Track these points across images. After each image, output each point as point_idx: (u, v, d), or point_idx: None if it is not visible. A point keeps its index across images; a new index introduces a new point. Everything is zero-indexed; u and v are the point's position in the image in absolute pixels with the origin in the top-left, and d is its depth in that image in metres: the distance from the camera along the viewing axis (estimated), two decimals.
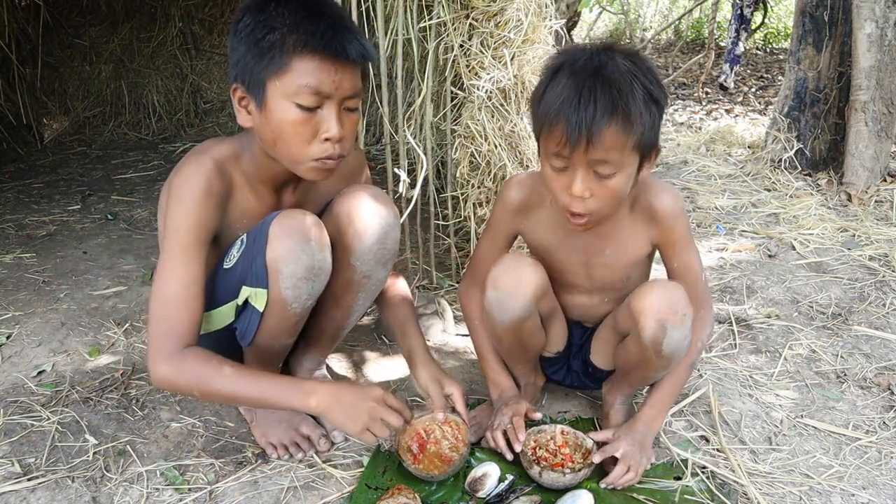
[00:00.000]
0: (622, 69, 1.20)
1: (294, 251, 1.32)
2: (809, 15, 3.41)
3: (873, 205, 3.07)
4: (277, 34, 1.23)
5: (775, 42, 8.26)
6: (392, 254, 1.50)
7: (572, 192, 1.26)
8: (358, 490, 1.39)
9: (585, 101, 1.18)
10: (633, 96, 1.19)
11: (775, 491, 1.41)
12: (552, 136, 1.23)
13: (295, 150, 1.30)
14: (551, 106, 1.22)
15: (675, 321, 1.32)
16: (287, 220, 1.33)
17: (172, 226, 1.30)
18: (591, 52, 1.23)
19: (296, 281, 1.34)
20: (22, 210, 3.17)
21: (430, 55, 1.96)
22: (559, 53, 1.30)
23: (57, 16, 4.38)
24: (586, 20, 8.90)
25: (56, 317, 2.12)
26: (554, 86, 1.23)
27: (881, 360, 1.90)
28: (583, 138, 1.19)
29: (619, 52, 1.24)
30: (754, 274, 2.44)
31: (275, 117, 1.27)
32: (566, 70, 1.23)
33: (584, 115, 1.17)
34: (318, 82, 1.24)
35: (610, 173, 1.24)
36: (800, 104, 3.51)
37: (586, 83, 1.19)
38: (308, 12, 1.24)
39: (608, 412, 1.59)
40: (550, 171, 1.29)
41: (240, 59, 1.27)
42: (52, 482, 1.42)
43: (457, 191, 2.16)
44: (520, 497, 1.36)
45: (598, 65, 1.20)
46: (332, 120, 1.28)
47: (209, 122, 4.76)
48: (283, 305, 1.37)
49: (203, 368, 1.28)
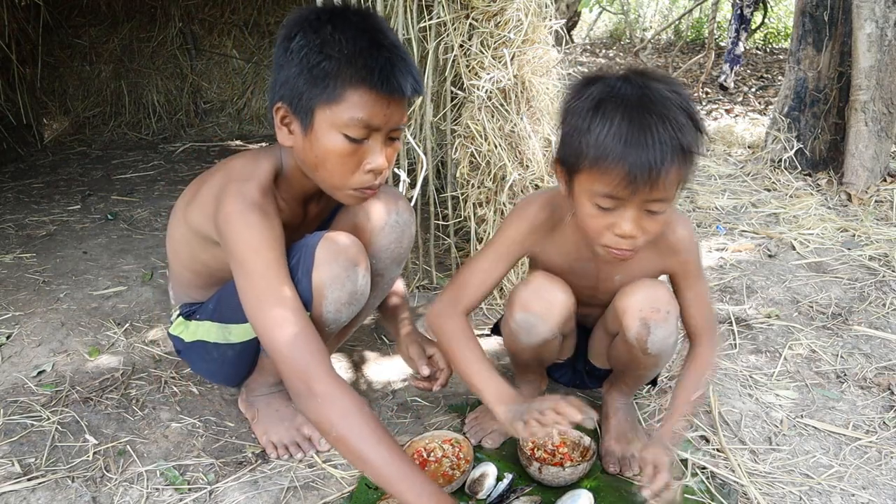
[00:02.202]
0: (668, 99, 1.13)
1: (340, 277, 1.33)
2: (809, 15, 3.41)
3: (873, 205, 3.07)
4: (334, 63, 1.20)
5: (775, 42, 8.26)
6: (407, 252, 1.51)
7: (622, 232, 1.17)
8: (358, 490, 1.39)
9: (650, 141, 1.09)
10: (686, 128, 1.13)
11: (775, 491, 1.41)
12: (606, 176, 1.13)
13: (337, 179, 1.30)
14: (606, 146, 1.12)
15: (658, 319, 1.33)
16: (333, 244, 1.33)
17: (251, 248, 1.24)
18: (630, 81, 1.15)
19: (339, 306, 1.36)
20: (22, 210, 3.17)
21: (430, 55, 1.96)
22: (588, 81, 1.19)
23: (57, 16, 4.38)
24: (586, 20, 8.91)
25: (56, 317, 2.12)
26: (603, 122, 1.13)
27: (881, 360, 1.90)
28: (647, 181, 1.11)
29: (654, 77, 1.17)
30: (754, 274, 2.44)
31: (321, 144, 1.26)
32: (612, 103, 1.13)
33: (649, 157, 1.09)
34: (370, 116, 1.23)
35: (663, 209, 1.18)
36: (800, 104, 3.51)
37: (642, 120, 1.10)
38: (367, 43, 1.21)
39: (608, 412, 1.59)
40: (592, 210, 1.19)
41: (288, 80, 1.24)
42: (52, 482, 1.42)
43: (457, 191, 2.16)
44: (520, 497, 1.36)
45: (648, 98, 1.13)
46: (377, 152, 1.27)
47: (209, 122, 4.76)
48: (321, 327, 1.37)
49: (350, 412, 1.16)
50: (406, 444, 1.48)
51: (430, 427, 1.61)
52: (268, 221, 1.27)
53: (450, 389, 1.78)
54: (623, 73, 1.17)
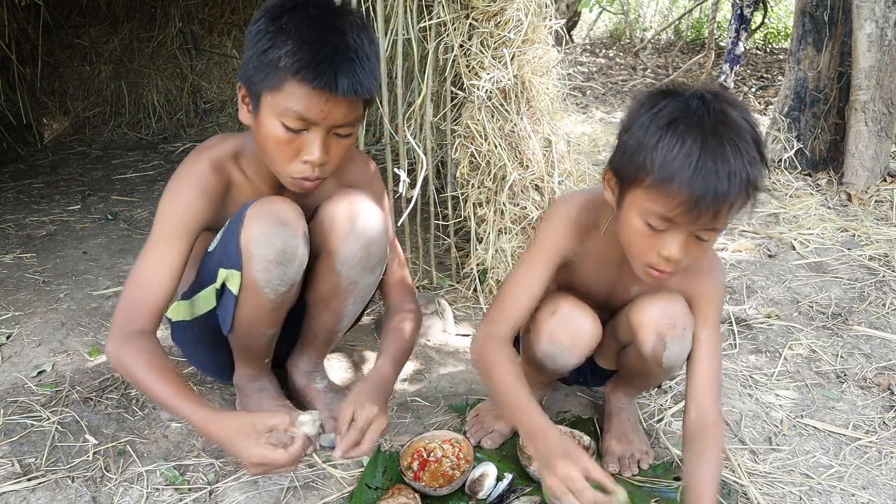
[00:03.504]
0: (741, 127, 1.09)
1: (267, 234, 1.33)
2: (809, 15, 3.41)
3: (873, 205, 3.07)
4: (279, 52, 1.21)
5: (775, 42, 8.26)
6: (379, 259, 1.48)
7: (668, 255, 1.14)
8: (358, 490, 1.39)
9: (722, 170, 1.05)
10: (756, 162, 1.09)
11: (775, 491, 1.41)
12: (666, 198, 1.09)
13: (277, 164, 1.33)
14: (675, 167, 1.07)
15: (675, 335, 1.30)
16: (264, 204, 1.35)
17: (159, 215, 1.35)
18: (706, 103, 1.10)
19: (266, 264, 1.35)
20: (22, 210, 3.17)
21: (430, 55, 1.96)
22: (663, 95, 1.14)
23: (57, 16, 4.37)
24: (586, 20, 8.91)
25: (56, 317, 2.12)
26: (673, 142, 1.08)
27: (881, 360, 1.90)
28: (710, 210, 1.07)
29: (728, 101, 1.12)
30: (754, 274, 2.44)
31: (263, 128, 1.28)
32: (686, 124, 1.08)
33: (719, 187, 1.05)
34: (305, 110, 1.23)
35: (713, 237, 1.15)
36: (800, 104, 3.51)
37: (716, 147, 1.06)
38: (314, 36, 1.22)
39: (611, 412, 1.59)
40: (642, 228, 1.15)
41: (246, 62, 1.28)
42: (52, 482, 1.42)
43: (457, 191, 2.16)
44: (520, 497, 1.36)
45: (725, 125, 1.08)
46: (314, 144, 1.27)
47: (209, 122, 4.76)
48: (255, 289, 1.37)
49: (139, 360, 1.24)
50: (406, 443, 1.48)
51: (430, 427, 1.61)
52: (195, 194, 1.34)
53: (450, 389, 1.78)
54: (699, 91, 1.12)
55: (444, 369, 1.88)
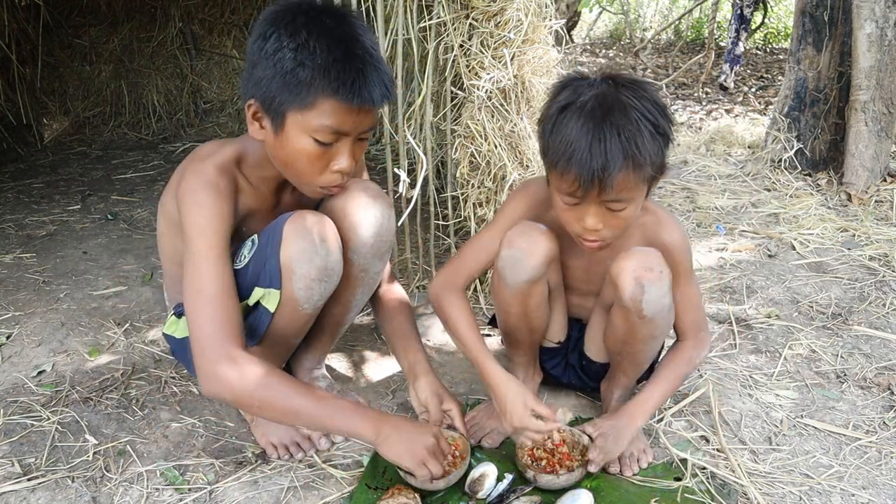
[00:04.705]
0: (628, 107, 1.21)
1: (307, 252, 1.34)
2: (809, 15, 3.41)
3: (873, 205, 3.07)
4: (307, 71, 1.22)
5: (775, 42, 8.26)
6: (388, 245, 1.51)
7: (585, 225, 1.30)
8: (358, 490, 1.39)
9: (596, 150, 1.19)
10: (641, 137, 1.21)
11: (775, 491, 1.41)
12: (564, 178, 1.26)
13: (305, 177, 1.34)
14: (562, 150, 1.23)
15: (652, 277, 1.35)
16: (300, 221, 1.35)
17: (196, 229, 1.29)
18: (596, 89, 1.24)
19: (308, 282, 1.37)
20: (22, 210, 3.17)
21: (430, 55, 1.96)
22: (563, 85, 1.30)
23: (57, 16, 4.38)
24: (586, 20, 8.91)
25: (56, 317, 2.12)
26: (561, 127, 1.24)
27: (881, 360, 1.90)
28: (595, 185, 1.22)
29: (623, 83, 1.25)
30: (754, 274, 2.44)
31: (291, 146, 1.29)
32: (574, 111, 1.23)
33: (595, 165, 1.20)
34: (340, 124, 1.26)
35: (622, 208, 1.28)
36: (800, 104, 3.51)
37: (596, 131, 1.20)
38: (341, 53, 1.23)
39: (607, 410, 1.59)
40: (562, 205, 1.32)
41: (262, 80, 1.26)
42: (52, 482, 1.42)
43: (457, 191, 2.16)
44: (520, 497, 1.36)
45: (605, 106, 1.21)
46: (345, 154, 1.31)
47: (209, 122, 4.75)
48: (295, 306, 1.39)
49: (267, 377, 1.23)
50: None
51: None
52: (218, 199, 1.32)
53: (449, 389, 1.78)
54: (595, 77, 1.26)
55: (443, 369, 1.88)
